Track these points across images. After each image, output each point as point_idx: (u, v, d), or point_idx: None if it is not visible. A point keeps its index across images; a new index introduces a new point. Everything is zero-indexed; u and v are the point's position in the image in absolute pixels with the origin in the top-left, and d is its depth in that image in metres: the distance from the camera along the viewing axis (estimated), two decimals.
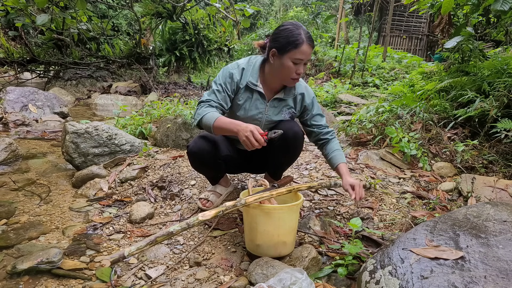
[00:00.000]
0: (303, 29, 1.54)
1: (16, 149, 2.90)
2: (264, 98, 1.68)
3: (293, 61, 1.53)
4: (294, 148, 1.76)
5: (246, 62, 1.68)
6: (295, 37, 1.50)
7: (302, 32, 1.51)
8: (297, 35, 1.50)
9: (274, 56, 1.57)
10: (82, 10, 5.77)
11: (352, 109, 4.53)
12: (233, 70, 1.65)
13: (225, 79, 1.63)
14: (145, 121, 3.69)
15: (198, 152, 1.70)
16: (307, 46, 1.51)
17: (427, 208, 1.96)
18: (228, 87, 1.63)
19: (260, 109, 1.70)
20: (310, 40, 1.53)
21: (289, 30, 1.52)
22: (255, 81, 1.64)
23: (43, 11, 6.16)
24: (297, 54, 1.51)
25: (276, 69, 1.59)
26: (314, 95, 1.81)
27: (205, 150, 1.69)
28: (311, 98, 1.77)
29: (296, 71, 1.55)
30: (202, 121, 1.55)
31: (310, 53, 1.54)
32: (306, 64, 1.58)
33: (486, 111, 2.45)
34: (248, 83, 1.64)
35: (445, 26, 3.34)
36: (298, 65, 1.54)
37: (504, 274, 0.98)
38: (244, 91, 1.67)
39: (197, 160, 1.75)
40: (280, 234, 1.42)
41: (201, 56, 7.63)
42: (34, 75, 7.55)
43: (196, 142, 1.70)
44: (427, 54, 11.82)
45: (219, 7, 6.81)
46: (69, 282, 1.39)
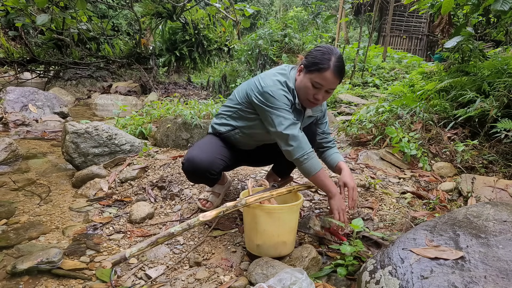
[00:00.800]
0: (338, 57, 1.47)
1: (16, 149, 2.90)
2: (301, 115, 1.64)
3: (312, 83, 1.48)
4: None
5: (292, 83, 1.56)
6: (322, 61, 1.45)
7: (332, 59, 1.45)
8: (325, 60, 1.45)
9: (300, 72, 1.55)
10: (82, 10, 5.77)
11: (352, 109, 4.53)
12: (287, 94, 1.52)
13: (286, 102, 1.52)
14: (145, 121, 3.69)
15: (193, 171, 1.64)
16: (331, 74, 1.45)
17: (427, 208, 1.96)
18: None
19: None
20: (337, 70, 1.45)
21: (320, 52, 1.47)
22: (298, 100, 1.58)
23: (43, 11, 6.17)
24: (317, 77, 1.46)
25: (298, 85, 1.55)
26: (326, 107, 1.83)
27: (200, 169, 1.61)
28: (324, 110, 1.80)
29: (314, 94, 1.50)
30: (305, 161, 1.50)
31: (333, 82, 1.47)
32: (329, 92, 1.52)
33: (486, 111, 2.45)
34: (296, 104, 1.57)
35: (445, 26, 3.34)
36: (317, 89, 1.49)
37: (504, 274, 0.98)
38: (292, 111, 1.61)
39: (193, 177, 1.71)
40: (280, 234, 1.42)
41: (201, 56, 7.63)
42: (34, 75, 7.55)
43: (190, 161, 1.62)
44: (427, 54, 11.82)
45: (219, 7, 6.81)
46: (69, 282, 1.39)
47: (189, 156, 1.63)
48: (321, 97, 1.52)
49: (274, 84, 1.52)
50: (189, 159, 1.62)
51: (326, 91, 1.51)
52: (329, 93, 1.53)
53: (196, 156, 1.62)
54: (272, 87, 1.51)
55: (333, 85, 1.49)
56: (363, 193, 2.10)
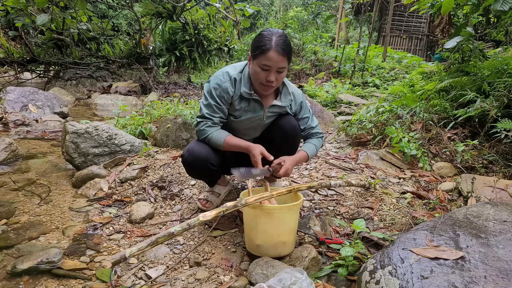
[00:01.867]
0: (279, 36, 1.47)
1: (16, 149, 2.90)
2: (262, 105, 1.67)
3: (260, 67, 1.49)
4: (293, 141, 1.77)
5: (238, 72, 1.64)
6: (264, 43, 1.46)
7: (273, 39, 1.45)
8: (266, 41, 1.46)
9: (250, 61, 1.58)
10: (82, 10, 5.77)
11: (352, 109, 4.53)
12: (226, 83, 1.60)
13: (221, 93, 1.60)
14: (145, 121, 3.69)
15: (192, 162, 1.69)
16: (275, 53, 1.45)
17: (427, 208, 1.96)
18: (225, 102, 1.63)
19: (259, 115, 1.70)
20: (280, 48, 1.45)
21: (262, 36, 1.49)
22: (249, 90, 1.61)
23: (43, 11, 6.16)
24: (263, 60, 1.47)
25: (251, 74, 1.58)
26: (301, 100, 1.78)
27: (199, 160, 1.67)
28: (298, 105, 1.77)
29: (266, 77, 1.51)
30: (209, 140, 1.63)
31: (279, 61, 1.47)
32: (280, 72, 1.52)
33: (486, 111, 2.45)
34: (242, 93, 1.61)
35: (445, 26, 3.34)
36: (267, 72, 1.49)
37: (504, 274, 0.98)
38: (240, 101, 1.65)
39: (193, 169, 1.75)
40: (280, 234, 1.42)
41: (201, 56, 7.62)
42: (34, 75, 7.55)
43: (190, 152, 1.67)
44: (427, 54, 11.82)
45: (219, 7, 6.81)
46: (69, 282, 1.39)
47: (189, 147, 1.69)
48: (274, 78, 1.51)
49: (214, 77, 1.63)
50: (189, 150, 1.68)
51: (277, 71, 1.50)
52: (281, 72, 1.53)
53: (195, 147, 1.68)
54: (212, 79, 1.64)
55: (281, 63, 1.49)
56: (363, 193, 2.10)
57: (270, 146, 1.76)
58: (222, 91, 1.60)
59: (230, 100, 1.64)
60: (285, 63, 1.50)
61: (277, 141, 1.74)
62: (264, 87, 1.56)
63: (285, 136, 1.72)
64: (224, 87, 1.60)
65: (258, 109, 1.68)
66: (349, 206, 1.96)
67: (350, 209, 1.92)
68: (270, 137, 1.78)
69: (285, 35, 1.51)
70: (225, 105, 1.64)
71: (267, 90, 1.58)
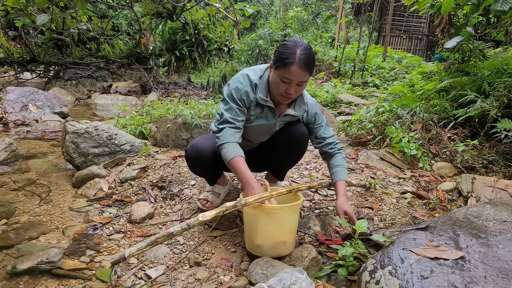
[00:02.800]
0: (303, 49, 1.43)
1: (16, 149, 2.90)
2: (275, 113, 1.65)
3: (281, 79, 1.46)
4: (300, 148, 1.76)
5: (257, 77, 1.60)
6: (287, 56, 1.42)
7: (297, 52, 1.41)
8: (290, 54, 1.41)
9: (271, 69, 1.55)
10: (82, 10, 5.77)
11: (352, 109, 4.53)
12: (247, 87, 1.57)
13: (241, 96, 1.57)
14: (145, 121, 3.68)
15: (195, 158, 1.68)
16: (298, 67, 1.41)
17: (427, 208, 1.96)
18: (244, 105, 1.59)
19: (270, 123, 1.68)
20: (303, 63, 1.41)
21: (286, 47, 1.44)
22: (265, 97, 1.59)
23: (43, 11, 6.16)
24: (285, 73, 1.44)
25: (270, 81, 1.55)
26: (316, 109, 1.75)
27: (202, 156, 1.66)
28: (312, 115, 1.74)
29: (285, 90, 1.48)
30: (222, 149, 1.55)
31: (301, 75, 1.44)
32: (300, 85, 1.49)
33: (486, 111, 2.45)
34: (258, 99, 1.58)
35: (445, 26, 3.34)
36: (287, 84, 1.46)
37: (504, 274, 0.98)
38: (256, 106, 1.62)
39: (195, 165, 1.74)
40: (280, 234, 1.42)
41: (201, 56, 7.63)
42: (34, 75, 7.55)
43: (193, 147, 1.67)
44: (427, 54, 11.82)
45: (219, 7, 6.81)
46: (69, 282, 1.39)
47: (193, 143, 1.69)
48: (293, 91, 1.49)
49: (234, 80, 1.60)
50: (193, 145, 1.67)
51: (297, 84, 1.48)
52: (301, 86, 1.50)
53: (199, 142, 1.67)
54: (232, 82, 1.60)
55: (303, 78, 1.46)
56: (363, 193, 2.10)
57: (276, 150, 1.76)
58: (243, 94, 1.57)
59: (249, 104, 1.60)
60: (306, 77, 1.47)
61: (284, 146, 1.73)
62: (283, 98, 1.53)
63: (293, 142, 1.71)
64: (245, 91, 1.56)
65: (271, 117, 1.65)
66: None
67: None
68: (278, 141, 1.76)
69: (309, 48, 1.46)
70: (244, 108, 1.59)
71: (285, 100, 1.56)
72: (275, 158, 1.82)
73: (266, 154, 1.85)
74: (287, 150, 1.74)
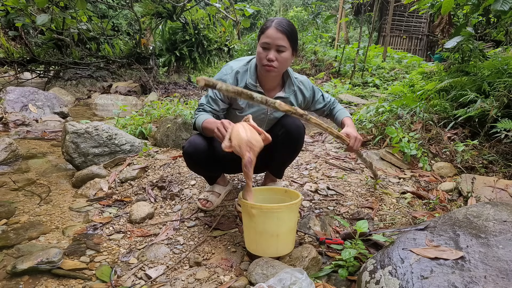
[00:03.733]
0: (281, 19, 1.57)
1: (16, 149, 2.90)
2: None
3: (262, 46, 1.56)
4: (297, 142, 1.78)
5: (242, 65, 1.68)
6: (265, 25, 1.56)
7: (274, 20, 1.56)
8: (267, 22, 1.56)
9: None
10: (82, 10, 5.77)
11: (352, 109, 4.53)
12: (227, 75, 1.66)
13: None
14: (145, 121, 3.69)
15: (193, 153, 1.68)
16: (274, 30, 1.52)
17: (427, 208, 1.96)
18: (222, 95, 1.65)
19: (263, 109, 1.72)
20: (278, 25, 1.53)
21: (267, 20, 1.60)
22: (255, 82, 1.65)
23: (43, 11, 6.16)
24: (263, 38, 1.55)
25: (256, 60, 1.64)
26: (311, 84, 1.84)
27: (200, 150, 1.67)
28: (310, 90, 1.83)
29: (266, 56, 1.55)
30: (195, 124, 1.66)
31: (278, 38, 1.52)
32: (281, 51, 1.55)
33: (486, 111, 2.45)
34: (247, 84, 1.65)
35: (445, 26, 3.34)
36: (267, 51, 1.55)
37: (504, 274, 0.98)
38: None
39: (193, 160, 1.73)
40: (280, 234, 1.42)
41: (201, 56, 7.62)
42: (34, 75, 7.54)
43: (191, 143, 1.69)
44: (427, 54, 11.81)
45: (219, 7, 6.81)
46: (69, 282, 1.39)
47: (191, 139, 1.72)
48: (273, 56, 1.55)
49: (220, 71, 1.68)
50: (190, 141, 1.70)
51: (277, 50, 1.54)
52: (282, 52, 1.55)
53: (197, 139, 1.69)
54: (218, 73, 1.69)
55: (280, 41, 1.53)
56: (363, 193, 2.10)
57: (274, 145, 1.77)
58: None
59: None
60: (284, 42, 1.54)
61: (281, 140, 1.74)
62: (266, 68, 1.58)
63: (289, 136, 1.72)
64: (224, 80, 1.63)
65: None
66: (349, 206, 1.96)
67: (350, 209, 1.92)
68: (274, 135, 1.77)
69: (287, 20, 1.59)
70: (219, 96, 1.66)
71: (269, 71, 1.59)
72: (273, 153, 1.83)
73: (264, 151, 1.86)
74: (284, 144, 1.74)
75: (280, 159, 1.87)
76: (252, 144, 1.35)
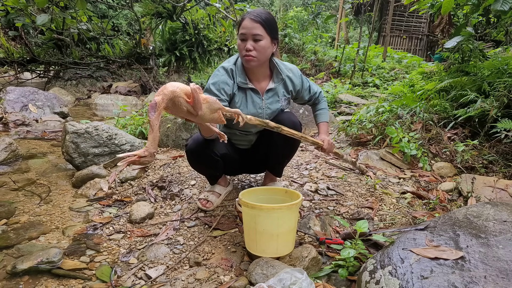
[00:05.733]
0: (255, 10, 1.60)
1: (16, 149, 2.90)
2: (258, 93, 1.72)
3: (240, 38, 1.59)
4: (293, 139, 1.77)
5: (231, 64, 1.69)
6: (242, 17, 1.59)
7: (250, 12, 1.59)
8: (244, 14, 1.59)
9: None
10: (82, 10, 5.76)
11: (352, 109, 4.53)
12: (223, 76, 1.65)
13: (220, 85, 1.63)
14: (145, 121, 3.68)
15: (196, 150, 1.69)
16: (248, 20, 1.55)
17: (427, 208, 1.96)
18: (225, 93, 1.64)
19: (258, 104, 1.73)
20: (253, 15, 1.55)
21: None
22: (244, 80, 1.67)
23: (43, 11, 6.16)
24: (240, 30, 1.58)
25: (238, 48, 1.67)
26: (299, 73, 1.86)
27: (202, 148, 1.68)
28: (299, 78, 1.84)
29: (244, 47, 1.58)
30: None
31: (253, 27, 1.54)
32: (257, 40, 1.57)
33: (486, 111, 2.45)
34: (238, 83, 1.67)
35: (445, 26, 3.34)
36: (244, 42, 1.58)
37: (504, 274, 0.98)
38: (238, 92, 1.69)
39: (195, 158, 1.74)
40: (280, 234, 1.42)
41: (201, 56, 7.62)
42: (34, 75, 7.54)
43: (194, 140, 1.70)
44: (427, 54, 11.81)
45: (219, 7, 6.81)
46: (69, 282, 1.39)
47: (194, 137, 1.72)
48: (251, 46, 1.58)
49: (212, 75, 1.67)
50: (194, 139, 1.70)
51: (253, 39, 1.57)
52: (258, 41, 1.58)
53: (199, 137, 1.69)
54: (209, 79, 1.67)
55: (255, 30, 1.56)
56: (363, 193, 2.10)
57: (272, 142, 1.78)
58: (221, 82, 1.63)
59: (231, 91, 1.66)
60: (260, 31, 1.56)
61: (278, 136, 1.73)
62: (245, 59, 1.61)
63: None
64: (223, 80, 1.64)
65: (256, 98, 1.73)
66: (349, 206, 1.96)
67: (350, 209, 1.92)
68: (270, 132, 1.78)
69: (264, 9, 1.62)
70: (225, 96, 1.64)
71: (248, 61, 1.61)
72: (271, 151, 1.83)
73: (262, 150, 1.87)
74: (281, 140, 1.74)
75: (278, 157, 1.87)
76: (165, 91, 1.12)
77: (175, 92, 1.09)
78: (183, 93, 1.11)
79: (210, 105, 1.19)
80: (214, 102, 1.20)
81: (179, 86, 1.12)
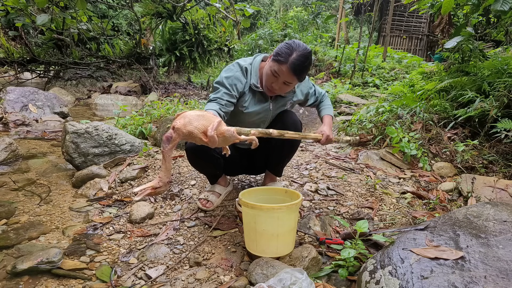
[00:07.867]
0: (299, 55, 1.50)
1: (16, 149, 2.90)
2: (267, 97, 1.73)
3: (271, 71, 1.56)
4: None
5: (248, 63, 1.69)
6: (283, 54, 1.51)
7: (293, 55, 1.50)
8: (285, 54, 1.51)
9: (269, 58, 1.63)
10: (82, 10, 5.76)
11: (352, 109, 4.53)
12: (238, 72, 1.66)
13: (233, 81, 1.63)
14: (145, 121, 3.68)
15: (196, 148, 1.68)
16: (287, 69, 1.50)
17: (427, 208, 1.96)
18: (236, 90, 1.64)
19: (264, 108, 1.75)
20: (293, 67, 1.50)
21: (287, 45, 1.54)
22: (256, 82, 1.68)
23: (43, 11, 6.16)
24: (275, 67, 1.54)
25: (263, 69, 1.66)
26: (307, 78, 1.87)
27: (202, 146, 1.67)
28: (308, 87, 1.88)
29: (272, 83, 1.59)
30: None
31: (288, 77, 1.53)
32: (286, 85, 1.58)
33: (486, 111, 2.45)
34: (251, 84, 1.67)
35: (445, 26, 3.34)
36: (275, 78, 1.57)
37: (504, 274, 0.98)
38: (249, 92, 1.70)
39: (195, 156, 1.74)
40: (280, 234, 1.43)
41: (201, 56, 7.62)
42: (34, 75, 7.54)
43: None
44: (427, 54, 11.81)
45: (219, 7, 6.81)
46: (69, 282, 1.39)
47: None
48: (277, 88, 1.59)
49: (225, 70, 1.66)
50: None
51: (284, 83, 1.57)
52: (287, 85, 1.59)
53: None
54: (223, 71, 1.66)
55: (289, 79, 1.56)
56: (363, 193, 2.10)
57: (271, 142, 1.78)
58: (235, 78, 1.63)
59: (242, 89, 1.67)
60: (293, 80, 1.57)
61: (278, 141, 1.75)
62: (268, 90, 1.65)
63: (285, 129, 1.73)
64: (237, 76, 1.64)
65: (264, 101, 1.74)
66: (349, 206, 1.96)
67: (350, 209, 1.92)
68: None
69: (305, 56, 1.52)
70: (235, 92, 1.63)
71: (269, 93, 1.67)
72: (271, 150, 1.84)
73: (262, 150, 1.87)
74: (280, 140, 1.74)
75: (278, 156, 1.88)
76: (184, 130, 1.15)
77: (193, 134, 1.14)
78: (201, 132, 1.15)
79: (225, 138, 1.21)
80: (230, 136, 1.22)
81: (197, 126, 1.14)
